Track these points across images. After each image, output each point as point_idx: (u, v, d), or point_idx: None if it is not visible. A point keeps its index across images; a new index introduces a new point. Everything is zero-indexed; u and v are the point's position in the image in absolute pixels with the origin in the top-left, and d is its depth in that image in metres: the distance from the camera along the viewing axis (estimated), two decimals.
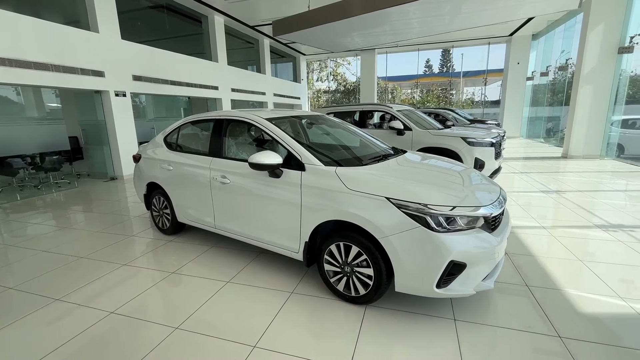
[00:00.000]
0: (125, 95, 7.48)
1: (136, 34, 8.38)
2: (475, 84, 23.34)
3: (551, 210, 4.54)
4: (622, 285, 2.55)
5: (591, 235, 3.59)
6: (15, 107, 6.92)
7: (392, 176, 2.41)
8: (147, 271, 3.01)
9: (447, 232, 2.00)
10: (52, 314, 2.39)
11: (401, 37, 7.56)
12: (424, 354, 1.90)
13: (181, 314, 2.33)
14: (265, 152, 2.53)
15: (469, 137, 5.14)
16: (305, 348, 1.96)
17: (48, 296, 2.62)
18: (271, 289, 2.63)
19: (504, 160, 8.82)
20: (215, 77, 10.69)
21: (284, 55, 17.44)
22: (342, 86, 24.45)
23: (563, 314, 2.22)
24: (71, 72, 6.32)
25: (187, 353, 1.95)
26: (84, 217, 4.84)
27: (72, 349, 2.01)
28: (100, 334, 2.15)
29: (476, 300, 2.41)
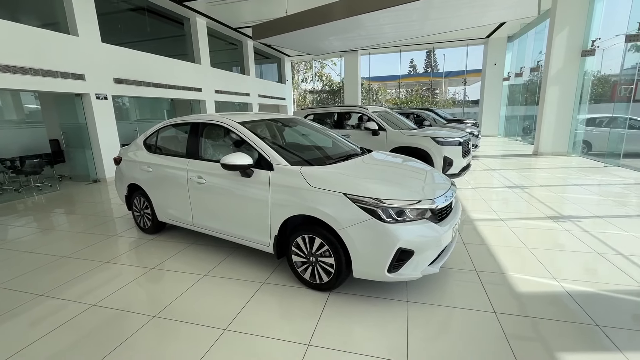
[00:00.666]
0: (107, 97, 7.54)
1: (117, 36, 8.41)
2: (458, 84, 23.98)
3: (512, 203, 4.90)
4: (558, 268, 2.88)
5: (542, 225, 3.94)
6: None
7: (351, 174, 2.66)
8: (128, 268, 3.18)
9: (396, 222, 2.26)
10: (36, 307, 2.54)
11: (377, 41, 7.85)
12: (376, 331, 2.16)
13: (159, 304, 2.53)
14: (236, 153, 2.75)
15: (437, 137, 5.45)
16: (271, 329, 2.19)
17: (32, 292, 2.77)
18: (244, 280, 2.85)
19: (477, 157, 9.25)
20: (198, 78, 10.78)
21: (269, 56, 17.58)
22: (327, 87, 24.72)
23: (501, 294, 2.52)
24: (51, 76, 6.36)
25: (163, 337, 2.15)
26: (67, 219, 4.94)
27: (56, 337, 2.19)
28: (82, 324, 2.32)
29: (429, 283, 2.69)
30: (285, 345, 2.03)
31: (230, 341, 2.09)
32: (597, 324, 2.12)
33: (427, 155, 5.44)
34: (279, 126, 3.79)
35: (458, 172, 5.61)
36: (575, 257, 3.09)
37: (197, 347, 2.04)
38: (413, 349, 1.96)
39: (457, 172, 5.60)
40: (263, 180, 2.73)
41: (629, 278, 2.68)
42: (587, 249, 3.25)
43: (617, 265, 2.90)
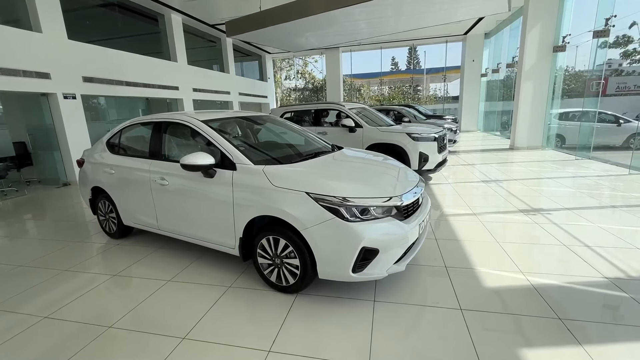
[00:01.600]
0: (75, 97, 7.22)
1: (86, 34, 8.08)
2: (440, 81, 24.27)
3: (486, 198, 4.95)
4: (526, 262, 2.90)
5: (514, 219, 3.99)
6: None
7: (316, 172, 2.59)
8: (89, 275, 3.03)
9: (360, 221, 2.21)
10: None
11: (353, 37, 7.82)
12: (340, 333, 2.11)
13: (116, 314, 2.40)
14: (196, 153, 2.64)
15: (413, 133, 5.46)
16: (231, 336, 2.11)
17: None
18: (210, 285, 2.75)
19: (456, 153, 9.36)
20: (175, 77, 10.50)
21: (250, 53, 17.33)
22: (310, 84, 24.60)
23: (468, 290, 2.51)
24: (12, 75, 6.04)
25: (115, 350, 2.04)
26: (30, 225, 4.70)
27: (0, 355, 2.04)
28: (30, 338, 2.18)
29: (398, 281, 2.66)
30: (244, 353, 1.96)
31: (187, 351, 2.00)
32: (560, 317, 2.14)
33: (403, 151, 5.45)
34: (248, 124, 3.68)
35: (434, 168, 5.64)
36: (543, 250, 3.13)
37: (150, 354, 1.94)
38: (376, 350, 1.92)
39: (433, 168, 5.63)
40: (226, 181, 2.63)
41: (593, 270, 2.72)
42: (555, 241, 3.30)
43: (582, 257, 2.95)
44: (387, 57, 40.73)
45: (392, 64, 37.95)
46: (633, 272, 2.65)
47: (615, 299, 2.32)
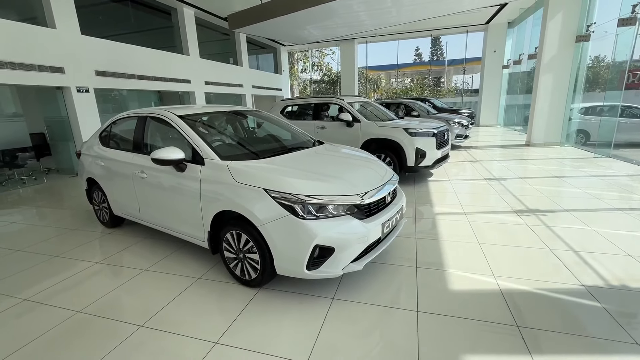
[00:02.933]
0: (88, 90, 7.55)
1: (100, 29, 8.38)
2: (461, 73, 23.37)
3: (482, 196, 4.77)
4: (501, 265, 2.79)
5: (503, 220, 3.82)
6: None
7: (279, 168, 2.57)
8: (73, 262, 3.21)
9: (314, 219, 2.20)
10: None
11: (357, 30, 7.64)
12: (289, 330, 2.12)
13: (86, 299, 2.54)
14: (167, 147, 2.70)
15: (410, 128, 5.31)
16: (186, 326, 2.18)
17: None
18: (181, 276, 2.84)
19: (466, 149, 9.05)
20: (187, 70, 10.71)
21: (264, 46, 17.37)
22: (326, 76, 24.41)
23: (432, 292, 2.45)
24: (28, 69, 6.38)
25: (77, 333, 2.16)
26: (39, 212, 5.00)
27: None
28: (5, 319, 2.35)
29: (363, 279, 2.63)
30: (192, 343, 2.02)
31: (141, 338, 2.08)
32: (518, 325, 2.05)
33: (399, 146, 5.32)
34: (230, 119, 3.73)
35: (432, 164, 5.48)
36: (523, 253, 2.99)
37: (105, 344, 2.05)
38: (318, 349, 1.93)
39: (431, 164, 5.47)
40: (195, 175, 2.69)
41: (571, 276, 2.58)
42: (540, 244, 3.14)
43: (564, 262, 2.80)
44: (406, 49, 39.61)
45: (416, 55, 36.86)
46: (615, 281, 2.49)
47: (585, 309, 2.19)
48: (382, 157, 5.52)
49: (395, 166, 5.43)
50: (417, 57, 35.93)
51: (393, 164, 5.43)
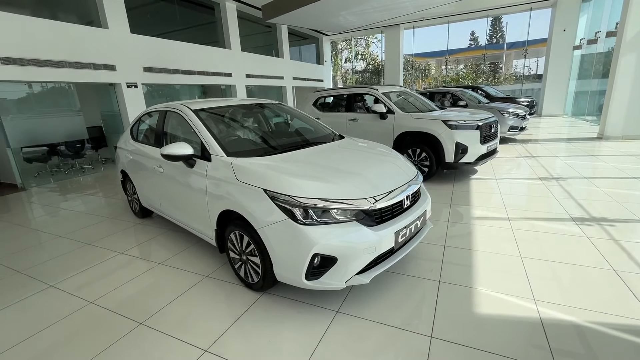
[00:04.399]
0: (137, 86, 8.05)
1: (148, 27, 8.86)
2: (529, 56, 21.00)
3: (534, 200, 4.13)
4: (547, 287, 2.32)
5: (558, 229, 3.23)
6: (40, 102, 7.79)
7: (283, 166, 2.37)
8: (100, 251, 3.37)
9: (315, 225, 1.98)
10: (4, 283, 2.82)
11: (397, 13, 7.04)
12: (284, 343, 1.95)
13: (100, 291, 2.62)
14: (177, 143, 2.65)
15: (450, 120, 4.77)
16: (181, 329, 2.12)
17: (10, 267, 3.08)
18: (190, 272, 2.82)
19: (521, 142, 8.07)
20: (228, 63, 10.97)
21: (306, 37, 17.22)
22: (371, 65, 23.58)
23: (453, 314, 2.10)
24: (84, 68, 6.95)
25: (85, 324, 2.21)
26: (86, 200, 5.43)
27: None
28: (31, 303, 2.51)
29: (374, 292, 2.36)
30: (182, 348, 1.94)
31: (137, 337, 2.06)
32: None
33: (436, 141, 4.82)
34: (249, 112, 3.60)
35: (475, 161, 4.89)
36: (578, 274, 2.46)
37: (104, 338, 2.06)
38: None
39: (474, 161, 4.88)
40: (202, 172, 2.61)
41: (639, 308, 2.04)
42: (602, 263, 2.57)
43: (633, 289, 2.24)
44: (460, 32, 36.68)
45: (472, 39, 33.85)
46: None
47: None
48: (418, 152, 5.06)
49: (431, 162, 4.95)
50: (473, 42, 33.03)
51: (429, 160, 4.95)
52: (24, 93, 7.42)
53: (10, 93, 7.09)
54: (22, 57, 5.91)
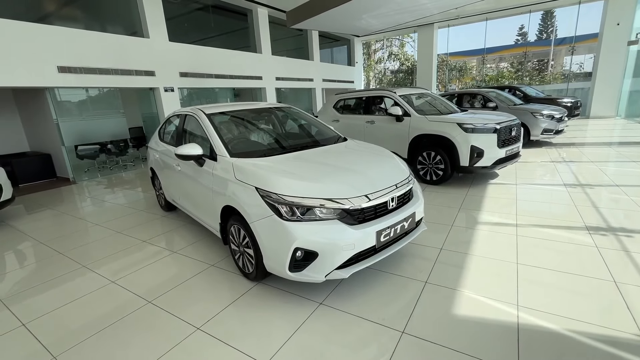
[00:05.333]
0: (173, 90, 8.72)
1: (184, 35, 9.54)
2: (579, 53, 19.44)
3: (550, 206, 3.95)
4: (535, 295, 2.28)
5: (565, 237, 3.10)
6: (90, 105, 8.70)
7: (276, 167, 2.56)
8: (127, 239, 3.80)
9: (298, 221, 2.15)
10: (42, 259, 3.31)
11: (419, 15, 6.93)
12: (264, 329, 2.14)
13: (122, 272, 2.99)
14: (189, 144, 2.96)
15: (465, 123, 4.69)
16: (180, 308, 2.39)
17: (55, 249, 3.59)
18: (199, 261, 3.11)
19: (556, 146, 7.61)
20: (259, 67, 11.44)
21: (338, 38, 17.36)
22: (404, 65, 23.15)
23: (431, 313, 2.16)
24: (127, 74, 7.69)
25: (103, 299, 2.57)
26: (126, 194, 6.04)
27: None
28: (65, 281, 2.94)
29: (358, 289, 2.48)
30: (178, 324, 2.20)
31: (145, 313, 2.37)
32: None
33: (451, 144, 4.76)
34: (259, 116, 3.85)
35: (491, 165, 4.75)
36: (574, 283, 2.39)
37: (117, 313, 2.39)
38: (283, 351, 1.90)
39: (490, 165, 4.75)
40: (209, 170, 2.89)
41: (632, 322, 1.96)
42: (604, 274, 2.47)
43: (629, 301, 2.14)
44: (501, 29, 34.58)
45: (519, 35, 31.74)
46: None
47: None
48: (432, 155, 5.02)
49: (446, 166, 4.88)
50: (521, 38, 31.05)
51: (444, 163, 4.90)
52: (76, 97, 8.36)
53: (64, 97, 8.02)
54: (75, 66, 6.71)
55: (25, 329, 2.28)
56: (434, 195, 4.66)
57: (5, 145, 8.15)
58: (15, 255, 3.60)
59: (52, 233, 4.15)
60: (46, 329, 2.27)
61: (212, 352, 1.94)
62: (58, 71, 6.47)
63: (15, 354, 2.06)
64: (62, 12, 7.78)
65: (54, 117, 7.02)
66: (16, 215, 5.09)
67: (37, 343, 2.13)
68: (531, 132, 7.78)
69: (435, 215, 3.86)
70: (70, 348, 2.06)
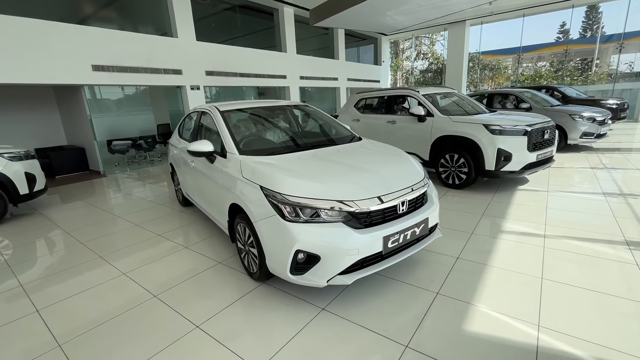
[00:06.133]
0: (199, 88, 8.94)
1: (211, 34, 9.75)
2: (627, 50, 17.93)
3: (584, 217, 3.60)
4: (557, 313, 2.06)
5: (601, 252, 2.80)
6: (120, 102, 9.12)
7: (281, 165, 2.49)
8: (144, 232, 3.89)
9: (301, 222, 2.07)
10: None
11: (447, 11, 6.58)
12: (264, 332, 2.08)
13: (132, 265, 3.06)
14: (201, 140, 2.97)
15: (492, 124, 4.40)
16: (183, 304, 2.39)
17: (77, 239, 3.74)
18: (208, 257, 3.12)
19: (596, 151, 7.04)
20: (283, 66, 11.48)
21: (365, 37, 17.11)
22: (434, 65, 22.43)
23: (438, 327, 2.01)
24: (157, 73, 7.96)
25: (116, 290, 2.63)
26: (149, 187, 6.25)
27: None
28: (81, 272, 3.04)
29: (364, 296, 2.36)
30: (179, 321, 2.20)
31: (148, 307, 2.39)
32: None
33: (476, 146, 4.48)
34: (273, 114, 3.80)
35: (520, 170, 4.43)
36: (606, 304, 2.13)
37: (123, 305, 2.42)
38: (279, 356, 1.83)
39: (519, 170, 4.42)
40: (219, 167, 2.88)
41: None
42: (638, 295, 2.19)
43: None
44: (541, 26, 32.82)
45: (560, 32, 29.78)
46: None
47: None
48: (455, 157, 4.76)
49: (470, 169, 4.61)
50: (562, 35, 29.09)
51: (468, 166, 4.63)
52: (108, 95, 8.79)
53: (97, 95, 8.45)
54: (108, 65, 7.04)
55: (38, 315, 2.37)
56: (455, 199, 4.42)
57: (46, 139, 8.72)
58: (40, 243, 3.79)
59: (76, 223, 4.35)
60: (56, 317, 2.34)
61: (207, 353, 1.91)
62: (92, 69, 6.81)
63: (25, 339, 2.13)
64: (100, 14, 8.19)
65: (87, 113, 7.41)
66: (49, 204, 5.40)
67: (47, 332, 2.20)
68: (569, 135, 7.22)
69: (454, 221, 3.64)
70: (73, 339, 2.10)
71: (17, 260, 3.33)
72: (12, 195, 4.47)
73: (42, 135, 8.67)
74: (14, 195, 4.48)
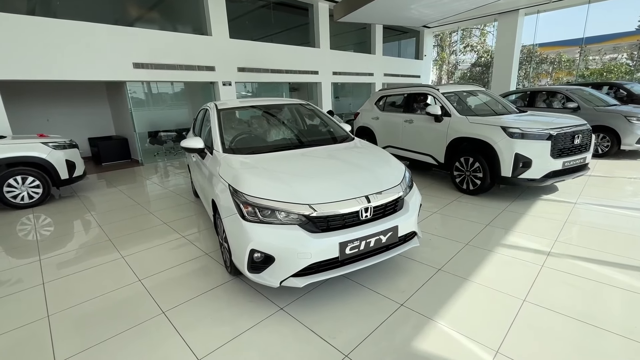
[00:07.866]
0: (231, 84, 9.32)
1: (245, 32, 10.06)
2: None
3: (608, 236, 3.17)
4: (530, 343, 1.87)
5: (611, 278, 2.46)
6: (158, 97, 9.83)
7: (251, 164, 2.56)
8: (154, 219, 4.22)
9: (256, 222, 2.12)
10: (79, 237, 3.86)
11: (482, 2, 6.00)
12: (216, 327, 2.17)
13: (134, 249, 3.34)
14: (192, 137, 3.13)
15: (510, 127, 4.02)
16: (160, 290, 2.57)
17: (98, 222, 4.17)
18: (197, 248, 3.30)
19: None
20: (316, 62, 11.50)
21: (407, 31, 16.46)
22: (483, 58, 20.90)
23: (389, 341, 1.93)
24: (191, 69, 8.46)
25: (108, 272, 2.91)
26: (171, 177, 6.72)
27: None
28: (93, 250, 3.40)
29: (328, 301, 2.34)
30: (148, 305, 2.37)
31: (129, 291, 2.61)
32: None
33: (492, 150, 4.14)
34: (271, 112, 3.86)
35: (541, 178, 4.00)
36: (593, 338, 1.88)
37: (108, 286, 2.68)
38: (225, 349, 1.91)
39: (540, 178, 4.01)
40: (207, 163, 3.02)
41: None
42: (629, 328, 1.89)
43: None
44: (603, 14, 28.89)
45: None
46: None
47: None
48: (470, 161, 4.44)
49: (484, 175, 4.28)
50: None
51: (482, 171, 4.30)
52: (147, 90, 9.51)
53: (138, 90, 9.19)
54: (147, 62, 7.63)
55: (42, 288, 2.71)
56: (465, 206, 4.14)
57: (98, 129, 9.74)
58: (68, 224, 4.28)
59: (103, 207, 4.85)
60: (55, 291, 2.66)
61: (162, 339, 2.05)
62: (133, 67, 7.44)
63: (23, 306, 2.46)
64: (146, 16, 8.88)
65: (129, 106, 8.12)
66: (88, 189, 6.05)
67: (44, 304, 2.51)
68: (622, 140, 6.35)
69: (453, 230, 3.43)
70: (61, 311, 2.38)
71: (45, 238, 3.81)
72: (55, 179, 5.09)
73: (95, 126, 9.71)
74: (56, 179, 5.10)
